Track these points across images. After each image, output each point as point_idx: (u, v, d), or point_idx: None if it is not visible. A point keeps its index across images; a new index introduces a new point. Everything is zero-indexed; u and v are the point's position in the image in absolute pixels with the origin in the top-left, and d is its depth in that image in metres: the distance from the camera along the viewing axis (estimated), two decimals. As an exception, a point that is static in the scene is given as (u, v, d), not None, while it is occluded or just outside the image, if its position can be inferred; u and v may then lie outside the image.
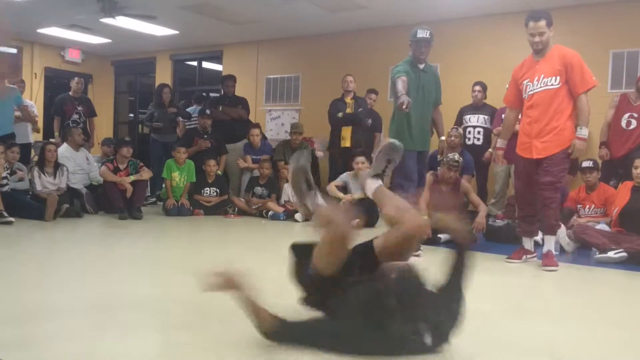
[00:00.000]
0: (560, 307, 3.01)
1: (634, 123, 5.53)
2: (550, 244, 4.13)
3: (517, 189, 4.42)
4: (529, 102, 4.16)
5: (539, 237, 5.28)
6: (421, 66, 4.59)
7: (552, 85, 4.03)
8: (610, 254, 4.36)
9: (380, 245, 2.25)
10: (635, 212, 4.65)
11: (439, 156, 5.75)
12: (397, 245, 2.21)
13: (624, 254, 4.35)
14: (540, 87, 4.08)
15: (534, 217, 4.28)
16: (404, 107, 3.99)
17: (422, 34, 4.56)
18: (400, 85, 4.19)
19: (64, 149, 6.71)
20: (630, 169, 4.86)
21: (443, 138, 4.93)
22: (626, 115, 5.57)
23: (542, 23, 4.01)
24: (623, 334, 2.51)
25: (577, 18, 6.64)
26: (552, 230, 4.14)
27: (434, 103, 4.70)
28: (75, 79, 8.04)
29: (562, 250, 4.93)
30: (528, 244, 4.35)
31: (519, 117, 4.49)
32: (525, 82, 4.19)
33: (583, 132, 4.00)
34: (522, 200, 4.34)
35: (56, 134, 7.79)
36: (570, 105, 4.04)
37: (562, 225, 5.06)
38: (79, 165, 6.78)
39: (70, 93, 7.95)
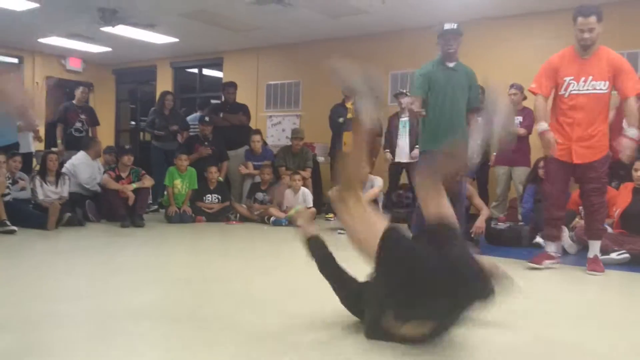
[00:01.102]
0: (562, 308, 3.01)
1: None
2: (596, 249, 4.09)
3: (547, 192, 4.24)
4: (571, 101, 3.97)
5: (541, 239, 5.29)
6: (451, 64, 4.45)
7: (600, 90, 3.91)
8: (613, 255, 4.36)
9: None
10: (636, 213, 4.65)
11: None
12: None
13: (627, 255, 4.34)
14: (588, 89, 3.93)
15: (561, 221, 4.23)
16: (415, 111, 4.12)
17: (449, 26, 4.44)
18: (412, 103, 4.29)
19: (82, 156, 6.75)
20: (631, 170, 4.85)
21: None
22: None
23: (593, 19, 3.86)
24: (626, 335, 2.51)
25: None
26: (599, 235, 4.10)
27: (469, 106, 4.47)
28: (80, 88, 8.07)
29: (564, 252, 4.92)
30: (552, 247, 4.21)
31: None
32: (568, 79, 3.99)
33: (632, 132, 3.86)
34: (552, 203, 4.17)
35: (59, 141, 7.82)
36: (607, 110, 4.01)
37: (565, 227, 5.06)
38: (93, 172, 6.80)
39: (74, 102, 7.98)
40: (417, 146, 6.76)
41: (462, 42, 4.53)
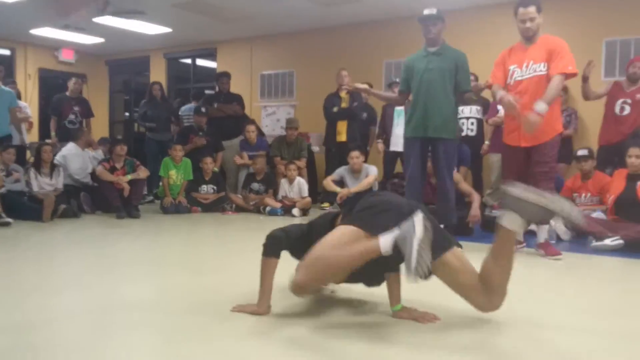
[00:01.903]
0: (557, 296, 3.03)
1: (627, 109, 5.56)
2: (545, 233, 4.18)
3: (505, 180, 4.21)
4: (517, 88, 4.08)
5: (535, 226, 5.31)
6: (432, 49, 4.49)
7: (540, 71, 4.01)
8: (607, 241, 4.39)
9: None
10: (630, 199, 4.68)
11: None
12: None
13: (621, 241, 4.37)
14: (530, 73, 4.05)
15: None
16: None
17: (427, 11, 4.49)
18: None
19: (72, 147, 6.72)
20: (625, 156, 4.88)
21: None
22: (619, 102, 5.59)
23: (532, 9, 3.99)
24: (621, 323, 2.53)
25: (570, 7, 6.65)
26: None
27: (457, 89, 4.48)
28: (73, 79, 8.03)
29: (558, 238, 4.95)
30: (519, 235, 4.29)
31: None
32: (512, 67, 4.14)
33: (540, 106, 3.79)
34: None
35: (52, 133, 7.79)
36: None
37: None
38: (84, 163, 6.79)
39: (67, 93, 7.94)
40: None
41: (445, 27, 4.59)
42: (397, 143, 6.86)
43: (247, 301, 2.53)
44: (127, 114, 12.03)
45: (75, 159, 6.62)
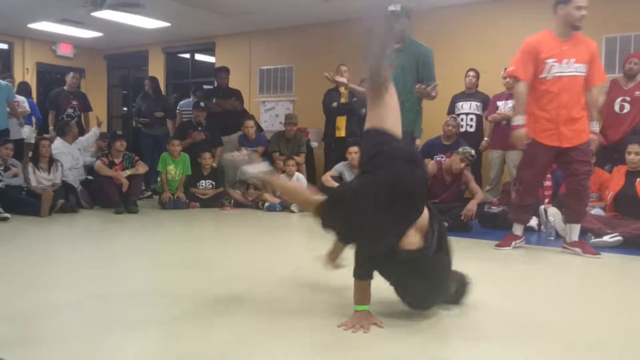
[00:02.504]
0: (558, 291, 3.03)
1: (627, 107, 5.55)
2: (577, 231, 4.12)
3: (525, 177, 4.12)
4: (554, 84, 3.88)
5: (534, 223, 5.33)
6: (397, 45, 4.30)
7: (581, 72, 3.88)
8: (606, 238, 4.39)
9: None
10: (629, 196, 4.68)
11: None
12: None
13: (619, 237, 4.37)
14: (571, 71, 3.86)
15: (533, 207, 4.30)
16: None
17: (391, 7, 4.32)
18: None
19: (59, 144, 6.69)
20: (624, 153, 4.87)
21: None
22: (619, 100, 5.58)
23: None
24: (620, 318, 2.54)
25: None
26: (582, 219, 4.13)
27: (412, 84, 4.33)
28: (71, 73, 8.02)
29: (557, 235, 4.95)
30: (519, 230, 4.29)
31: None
32: (550, 61, 3.88)
33: (596, 127, 4.00)
34: (527, 188, 4.12)
35: (51, 128, 7.77)
36: (584, 95, 3.98)
37: (558, 210, 5.09)
38: (76, 159, 6.78)
39: (65, 87, 7.92)
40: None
41: (412, 24, 4.50)
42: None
43: (246, 298, 2.53)
44: (125, 108, 12.00)
45: (64, 157, 6.55)
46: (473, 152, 5.47)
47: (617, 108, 5.61)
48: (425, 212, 2.33)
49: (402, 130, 4.34)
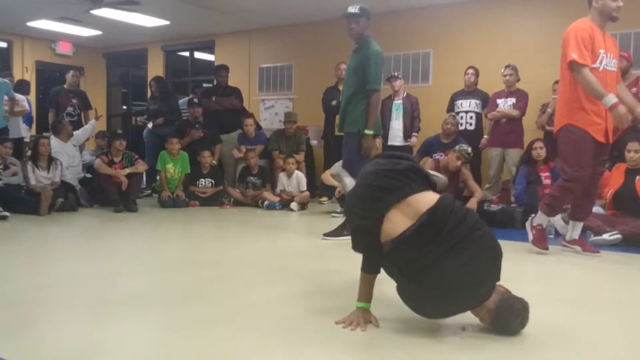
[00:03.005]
0: (557, 290, 3.03)
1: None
2: (579, 230, 4.11)
3: (580, 180, 3.76)
4: (605, 77, 3.68)
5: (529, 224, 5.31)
6: (355, 47, 4.53)
7: (615, 67, 3.81)
8: (605, 236, 4.38)
9: None
10: (628, 194, 4.67)
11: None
12: None
13: (619, 236, 4.37)
14: (612, 66, 3.78)
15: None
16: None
17: (351, 8, 4.48)
18: None
19: (55, 143, 6.66)
20: (624, 151, 4.86)
21: (367, 132, 4.38)
22: None
23: None
24: (619, 316, 2.53)
25: (569, 1, 6.60)
26: (587, 217, 4.15)
27: (366, 88, 4.35)
28: (71, 71, 8.01)
29: (557, 233, 4.95)
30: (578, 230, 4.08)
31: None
32: (602, 51, 3.70)
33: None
34: (581, 188, 3.81)
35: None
36: None
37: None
38: (72, 157, 6.77)
39: (65, 86, 7.92)
40: (414, 133, 6.78)
41: (368, 24, 4.61)
42: (395, 137, 6.86)
43: (245, 297, 2.52)
44: (124, 107, 12.00)
45: (60, 156, 6.52)
46: (470, 149, 5.46)
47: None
48: (426, 196, 2.16)
49: (347, 131, 4.46)
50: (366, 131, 4.34)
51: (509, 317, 2.08)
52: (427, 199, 2.14)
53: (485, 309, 2.08)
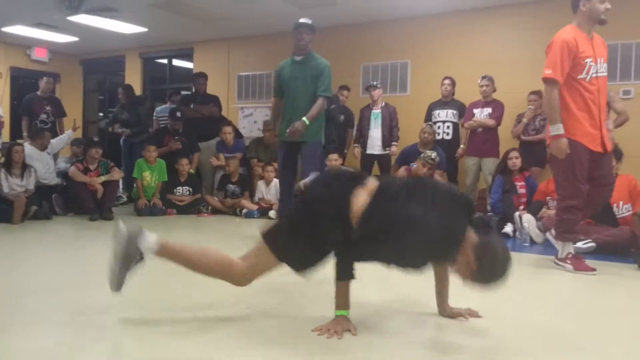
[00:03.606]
0: (532, 297, 3.06)
1: None
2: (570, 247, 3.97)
3: (583, 195, 3.69)
4: (593, 86, 3.61)
5: (509, 229, 5.39)
6: (298, 58, 4.76)
7: (606, 72, 3.71)
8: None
9: None
10: (602, 203, 4.74)
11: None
12: None
13: (593, 244, 4.43)
14: (602, 72, 3.65)
15: (580, 219, 3.90)
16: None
17: (304, 20, 4.76)
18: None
19: (29, 150, 6.56)
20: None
21: (304, 119, 4.60)
22: None
23: None
24: (594, 323, 2.57)
25: (559, 9, 6.73)
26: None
27: (318, 94, 4.67)
28: (44, 78, 7.89)
29: (532, 241, 5.01)
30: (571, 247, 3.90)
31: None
32: (588, 60, 3.60)
33: (610, 125, 3.93)
34: (583, 199, 3.70)
35: (25, 134, 7.64)
36: None
37: (532, 217, 5.15)
38: (47, 164, 6.68)
39: (38, 92, 7.81)
40: (394, 142, 6.82)
41: (314, 39, 4.86)
42: (374, 146, 6.89)
43: (222, 304, 2.50)
44: (101, 114, 11.87)
45: (37, 163, 6.45)
46: (433, 155, 5.52)
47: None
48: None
49: (312, 140, 4.61)
50: (304, 119, 4.57)
51: (492, 253, 2.08)
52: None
53: (465, 254, 2.08)
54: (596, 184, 3.74)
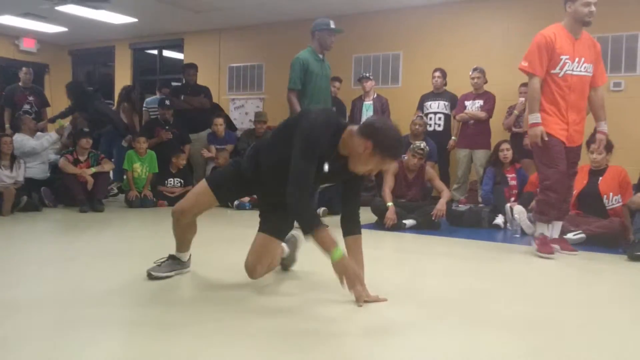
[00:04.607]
0: (522, 289, 3.08)
1: None
2: (558, 229, 4.17)
3: (558, 176, 3.86)
4: (565, 82, 3.83)
5: (500, 221, 5.41)
6: (321, 56, 4.92)
7: (588, 72, 3.88)
8: (569, 235, 4.47)
9: None
10: (591, 195, 4.77)
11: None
12: None
13: (582, 235, 4.47)
14: (581, 71, 3.84)
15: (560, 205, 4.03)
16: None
17: (334, 25, 4.90)
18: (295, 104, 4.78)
19: (20, 137, 6.50)
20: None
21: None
22: None
23: None
24: (587, 313, 2.59)
25: (549, 1, 6.73)
26: (564, 217, 4.21)
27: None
28: (24, 69, 7.82)
29: (523, 232, 5.04)
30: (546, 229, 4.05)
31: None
32: (564, 57, 3.81)
33: (604, 127, 3.99)
34: (562, 186, 3.92)
35: (7, 125, 7.56)
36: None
37: (523, 209, 5.18)
38: (39, 142, 6.60)
39: (20, 83, 7.73)
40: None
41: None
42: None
43: (214, 298, 2.49)
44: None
45: (29, 141, 6.45)
46: (422, 145, 5.52)
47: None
48: None
49: None
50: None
51: (375, 124, 2.45)
52: None
53: (351, 146, 2.46)
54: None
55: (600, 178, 4.79)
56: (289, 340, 2.06)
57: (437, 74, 6.78)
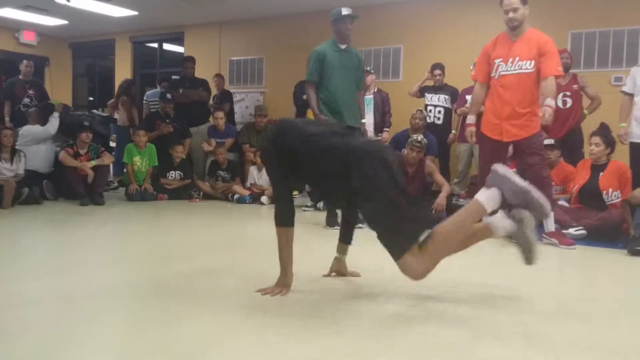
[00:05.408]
0: (525, 283, 3.08)
1: (569, 102, 5.67)
2: (553, 222, 4.23)
3: (482, 169, 4.30)
4: (500, 82, 4.18)
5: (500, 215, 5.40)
6: (343, 46, 4.77)
7: (526, 69, 4.08)
8: (571, 230, 4.48)
9: None
10: (592, 189, 4.77)
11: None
12: None
13: (583, 231, 4.47)
14: (515, 69, 4.10)
15: None
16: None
17: (347, 11, 4.77)
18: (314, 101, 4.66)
19: (31, 127, 6.59)
20: (577, 145, 5.13)
21: (364, 121, 5.02)
22: (560, 96, 5.60)
23: None
24: (587, 309, 2.59)
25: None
26: (552, 208, 4.21)
27: (355, 85, 4.80)
28: (24, 61, 7.78)
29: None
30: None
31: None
32: (497, 61, 4.18)
33: (551, 102, 4.01)
34: (482, 175, 4.20)
35: (7, 119, 7.54)
36: (536, 91, 4.11)
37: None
38: (52, 126, 6.65)
39: (20, 76, 7.70)
40: (385, 129, 6.79)
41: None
42: (366, 130, 6.86)
43: (214, 290, 2.50)
44: (91, 98, 11.77)
45: (37, 128, 6.51)
46: (419, 137, 5.53)
47: (560, 104, 5.69)
48: None
49: (355, 126, 4.61)
50: (363, 120, 4.98)
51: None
52: None
53: None
54: (525, 168, 4.17)
55: (601, 173, 4.79)
56: (289, 333, 2.07)
57: (438, 71, 6.74)
